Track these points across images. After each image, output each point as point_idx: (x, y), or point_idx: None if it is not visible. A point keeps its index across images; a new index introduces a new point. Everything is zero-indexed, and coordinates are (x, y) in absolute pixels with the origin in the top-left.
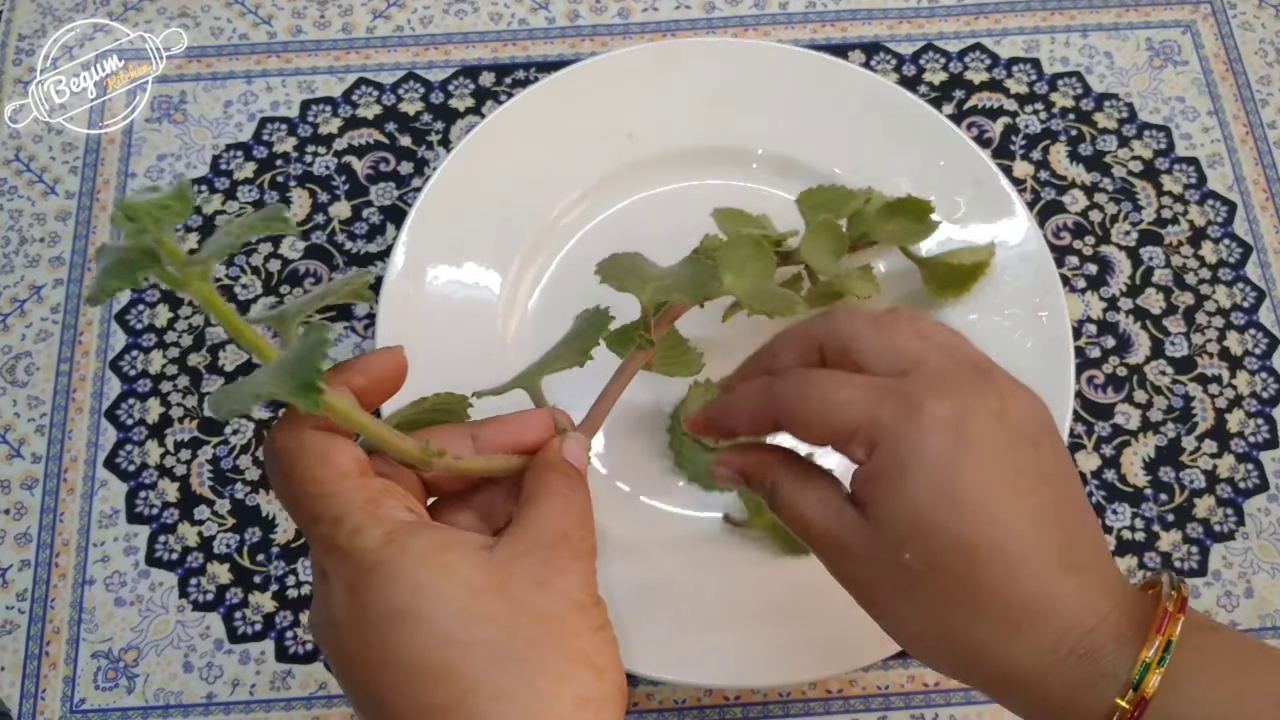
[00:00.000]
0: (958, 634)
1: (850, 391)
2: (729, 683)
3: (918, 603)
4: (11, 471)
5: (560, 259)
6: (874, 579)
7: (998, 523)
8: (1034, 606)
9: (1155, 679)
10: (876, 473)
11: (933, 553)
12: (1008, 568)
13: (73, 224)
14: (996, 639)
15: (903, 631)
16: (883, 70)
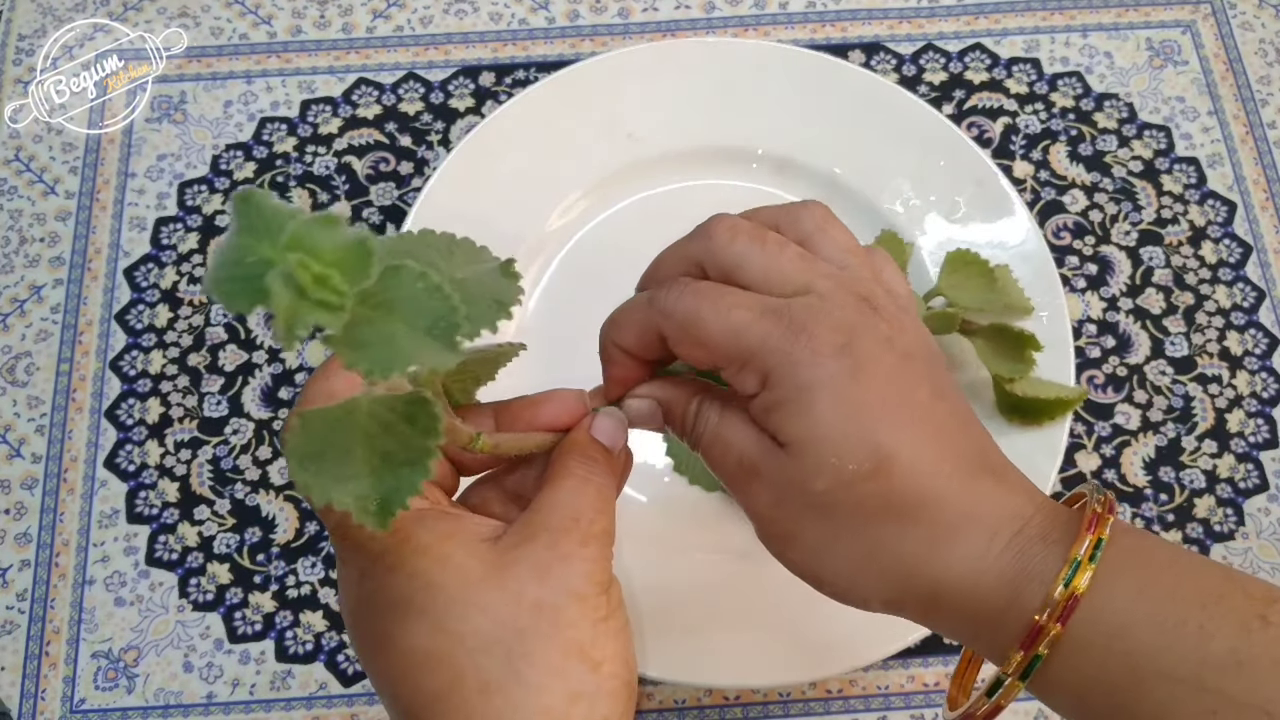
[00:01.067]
0: (886, 551)
1: (741, 314)
2: (729, 683)
3: (842, 526)
4: (11, 471)
5: (560, 259)
6: (794, 510)
7: (908, 430)
8: (961, 509)
9: (1086, 576)
10: (777, 401)
11: (849, 470)
12: (929, 474)
13: (73, 224)
14: (926, 549)
15: (828, 563)
16: (883, 70)
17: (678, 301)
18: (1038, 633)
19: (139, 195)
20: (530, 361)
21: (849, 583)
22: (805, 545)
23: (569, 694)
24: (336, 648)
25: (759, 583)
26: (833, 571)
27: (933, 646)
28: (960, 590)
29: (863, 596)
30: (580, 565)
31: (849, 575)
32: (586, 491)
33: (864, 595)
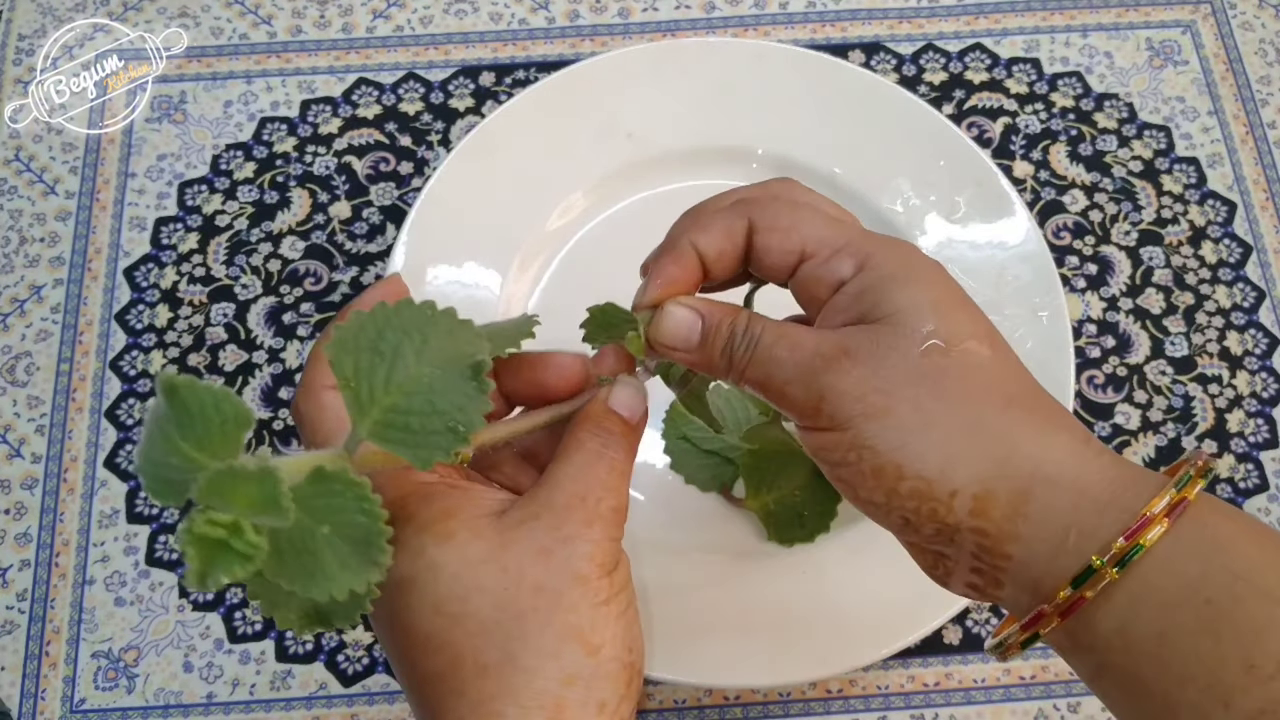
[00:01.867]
0: (989, 425)
1: (841, 213)
2: (729, 683)
3: (946, 395)
4: (11, 471)
5: (560, 259)
6: (891, 377)
7: (999, 338)
8: (1057, 411)
9: (1197, 488)
10: (881, 279)
11: (958, 325)
12: (1029, 377)
13: (73, 224)
14: (1031, 429)
15: (923, 439)
16: (883, 70)
17: (774, 199)
18: (1145, 523)
19: (139, 195)
20: None
21: (942, 463)
22: (900, 420)
23: (564, 677)
24: (336, 648)
25: (759, 583)
26: (925, 449)
27: (933, 646)
28: (1061, 475)
29: (951, 484)
30: (583, 547)
31: (944, 453)
32: (597, 468)
33: (953, 481)
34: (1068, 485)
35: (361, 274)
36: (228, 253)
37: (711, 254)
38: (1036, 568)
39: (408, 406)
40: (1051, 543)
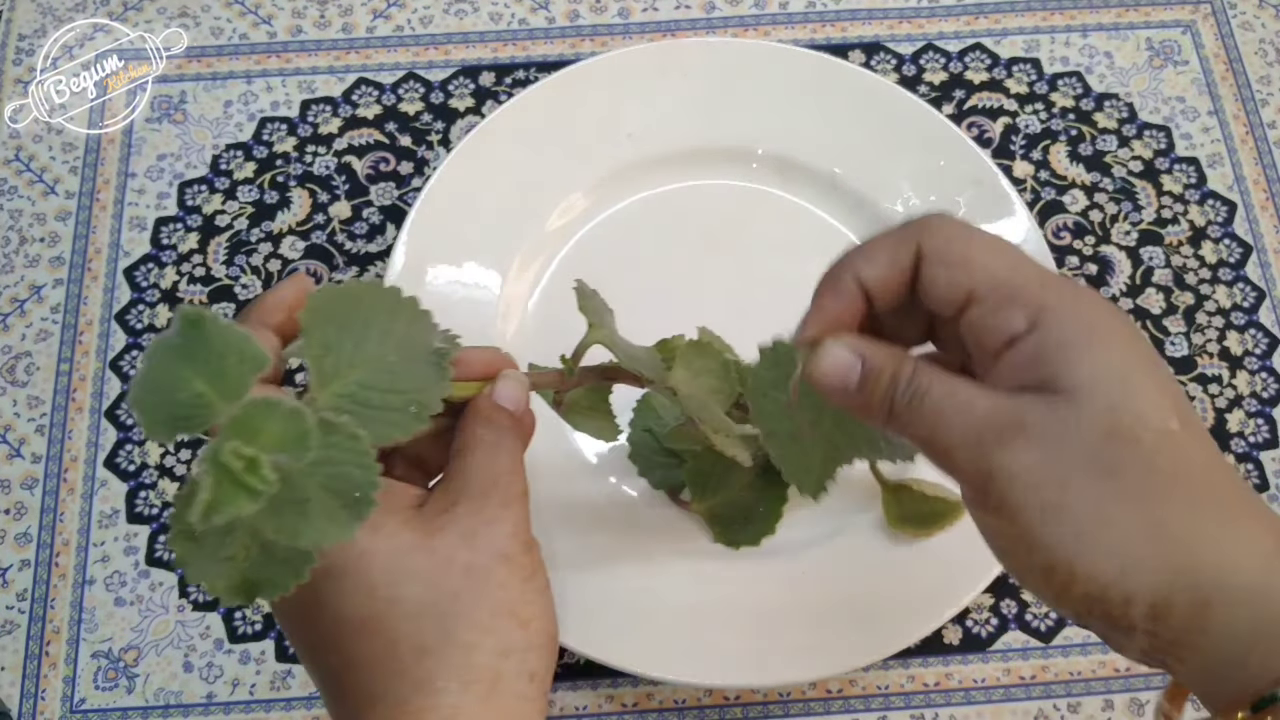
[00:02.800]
0: (1172, 527)
1: (1018, 252)
2: (729, 683)
3: (1127, 492)
4: (11, 471)
5: (560, 259)
6: (1068, 466)
7: (1192, 417)
8: (1247, 499)
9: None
10: (1058, 342)
11: (1149, 420)
12: (1217, 454)
13: (73, 224)
14: (1217, 528)
15: (1100, 540)
16: (883, 70)
17: (945, 224)
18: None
19: (139, 195)
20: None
21: (1120, 569)
22: (1075, 516)
23: (500, 650)
24: None
25: (759, 583)
26: (1103, 553)
27: (933, 647)
28: (1246, 587)
29: (1126, 591)
30: (505, 527)
31: (1122, 557)
32: (499, 456)
33: (1129, 588)
34: (1253, 599)
35: (361, 274)
36: (228, 253)
37: (875, 284)
38: (1214, 678)
39: (371, 383)
40: (1231, 660)
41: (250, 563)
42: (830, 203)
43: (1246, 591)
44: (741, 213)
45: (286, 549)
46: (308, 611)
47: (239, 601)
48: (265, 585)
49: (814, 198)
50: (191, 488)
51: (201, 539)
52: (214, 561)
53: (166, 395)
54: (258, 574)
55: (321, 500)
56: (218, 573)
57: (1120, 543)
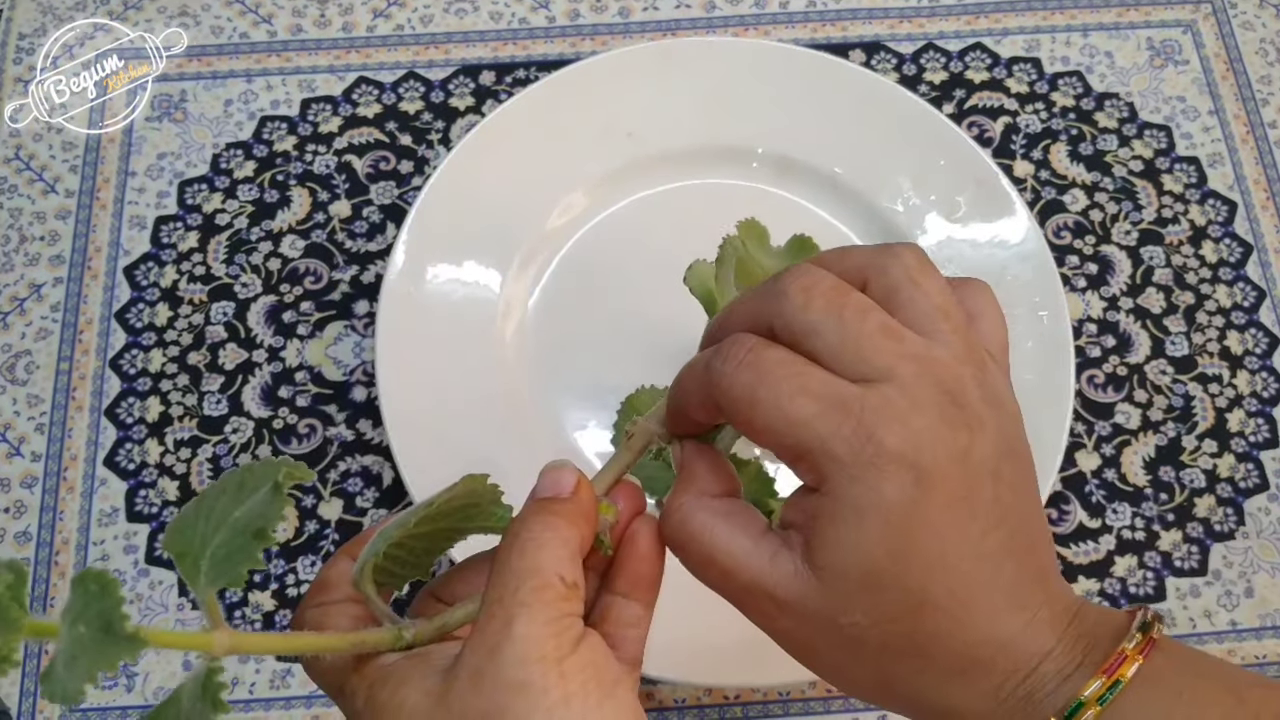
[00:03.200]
0: (901, 684)
1: (802, 405)
2: (729, 683)
3: (861, 657)
4: (11, 470)
5: (560, 258)
6: (813, 635)
7: (949, 573)
8: (979, 654)
9: (1090, 714)
10: (825, 512)
11: (881, 609)
12: (957, 618)
13: (73, 223)
14: (940, 688)
15: (842, 679)
16: (883, 70)
17: (735, 375)
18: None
19: (139, 194)
20: (529, 361)
21: (865, 697)
22: (824, 663)
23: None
24: None
25: None
26: (846, 685)
27: None
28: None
29: (874, 704)
30: (510, 651)
31: (864, 693)
32: (510, 560)
33: (876, 704)
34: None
35: (362, 273)
36: (228, 251)
37: (703, 418)
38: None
39: (220, 541)
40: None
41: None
42: (830, 203)
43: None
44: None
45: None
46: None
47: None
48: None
49: (814, 198)
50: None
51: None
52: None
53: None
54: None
55: (87, 643)
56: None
57: (860, 686)
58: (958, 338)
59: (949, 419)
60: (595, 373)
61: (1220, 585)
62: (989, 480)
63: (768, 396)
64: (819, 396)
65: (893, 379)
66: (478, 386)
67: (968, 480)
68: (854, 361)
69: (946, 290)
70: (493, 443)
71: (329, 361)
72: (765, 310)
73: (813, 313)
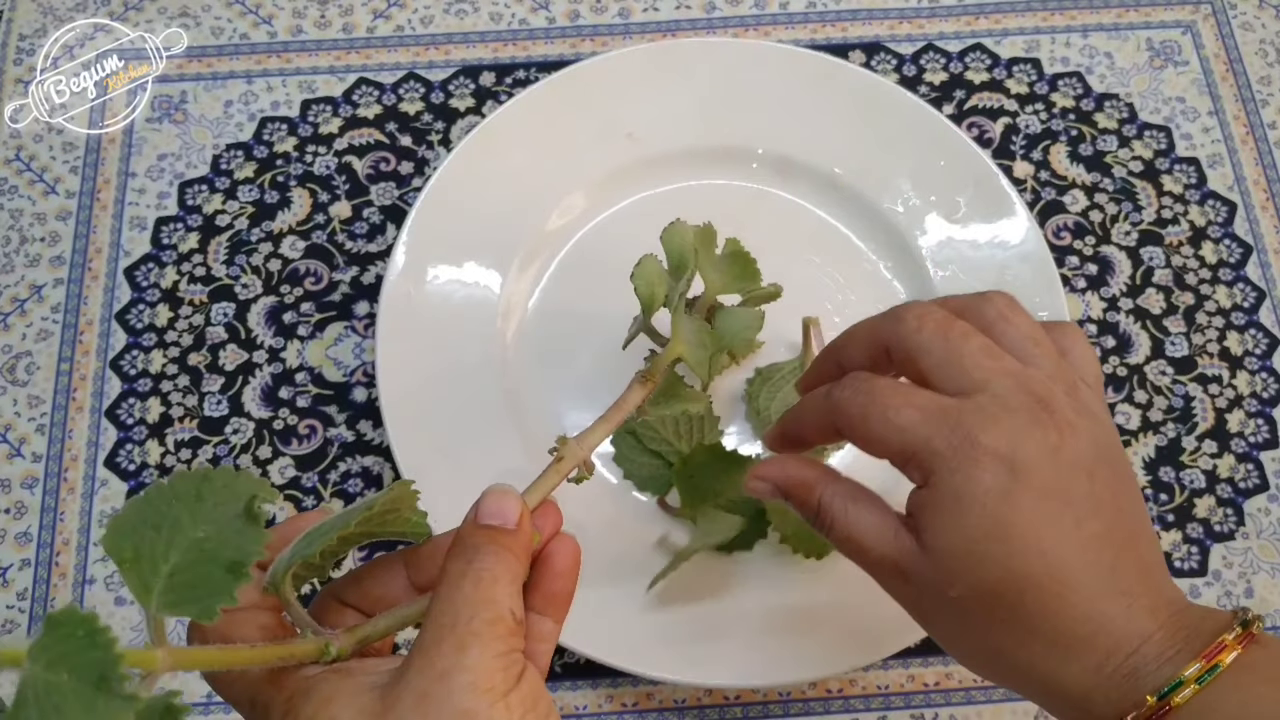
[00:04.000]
0: (1007, 655)
1: (908, 414)
2: (729, 683)
3: (970, 626)
4: (12, 471)
5: (560, 259)
6: (929, 602)
7: (1047, 555)
8: (1080, 631)
9: (1187, 692)
10: (931, 502)
11: (984, 583)
12: (1057, 595)
13: (73, 223)
14: (1045, 660)
15: (955, 648)
16: (883, 70)
17: (851, 400)
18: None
19: (139, 195)
20: (529, 361)
21: (972, 666)
22: (940, 632)
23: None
24: None
25: (759, 582)
26: (959, 654)
27: (933, 646)
28: (1071, 698)
29: (985, 676)
30: (462, 678)
31: (975, 663)
32: (463, 587)
33: (986, 676)
34: (1076, 704)
35: (362, 273)
36: (228, 252)
37: (816, 438)
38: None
39: (186, 565)
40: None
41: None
42: (830, 203)
43: (1070, 700)
44: (741, 213)
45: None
46: None
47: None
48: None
49: (814, 198)
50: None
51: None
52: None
53: None
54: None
55: (77, 694)
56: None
57: (970, 655)
58: (1049, 361)
59: (1040, 421)
60: (595, 373)
61: (1220, 586)
62: (1083, 477)
63: (877, 412)
64: (922, 408)
65: (989, 388)
66: (478, 386)
67: (1060, 474)
68: (956, 375)
69: (1037, 325)
70: (493, 443)
71: (329, 362)
72: (883, 332)
73: (924, 335)
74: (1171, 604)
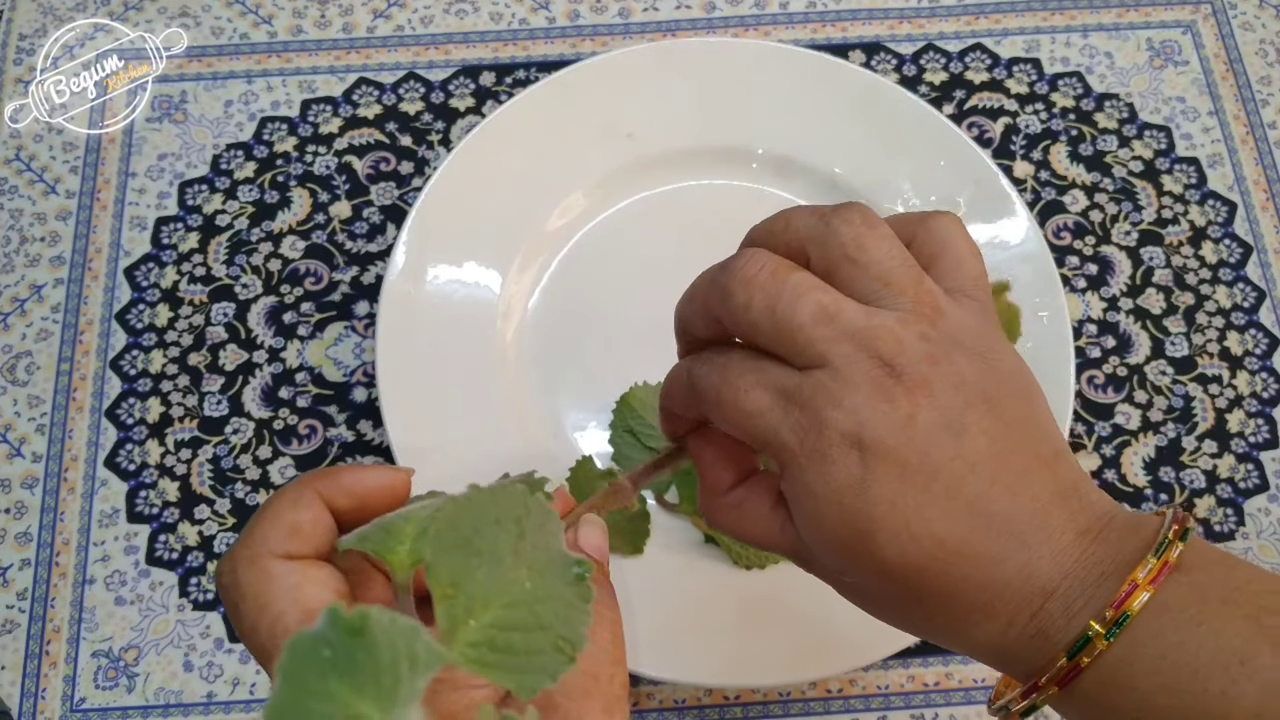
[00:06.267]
0: (919, 625)
1: (757, 398)
2: (729, 683)
3: (878, 604)
4: (12, 471)
5: (560, 259)
6: (833, 582)
7: (920, 538)
8: (979, 600)
9: (1099, 649)
10: (792, 497)
11: (868, 573)
12: (942, 574)
13: (73, 223)
14: (954, 628)
15: (868, 611)
16: (883, 70)
17: (706, 376)
18: (1033, 690)
19: (139, 195)
20: (529, 361)
21: (906, 631)
22: (861, 605)
23: None
24: None
25: (759, 582)
26: (881, 620)
27: (933, 646)
28: (992, 655)
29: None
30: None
31: (903, 629)
32: (601, 634)
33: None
34: (993, 660)
35: (362, 273)
36: (228, 252)
37: (690, 415)
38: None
39: (510, 622)
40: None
41: None
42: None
43: (985, 656)
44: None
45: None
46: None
47: None
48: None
49: (814, 198)
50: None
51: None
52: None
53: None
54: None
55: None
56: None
57: (888, 621)
58: (903, 298)
59: (885, 390)
60: (595, 373)
61: None
62: (947, 438)
63: (729, 394)
64: (770, 388)
65: (827, 363)
66: (478, 386)
67: (918, 445)
68: (792, 354)
69: (889, 252)
70: (493, 443)
71: (329, 362)
72: (713, 306)
73: (753, 311)
74: (1087, 533)
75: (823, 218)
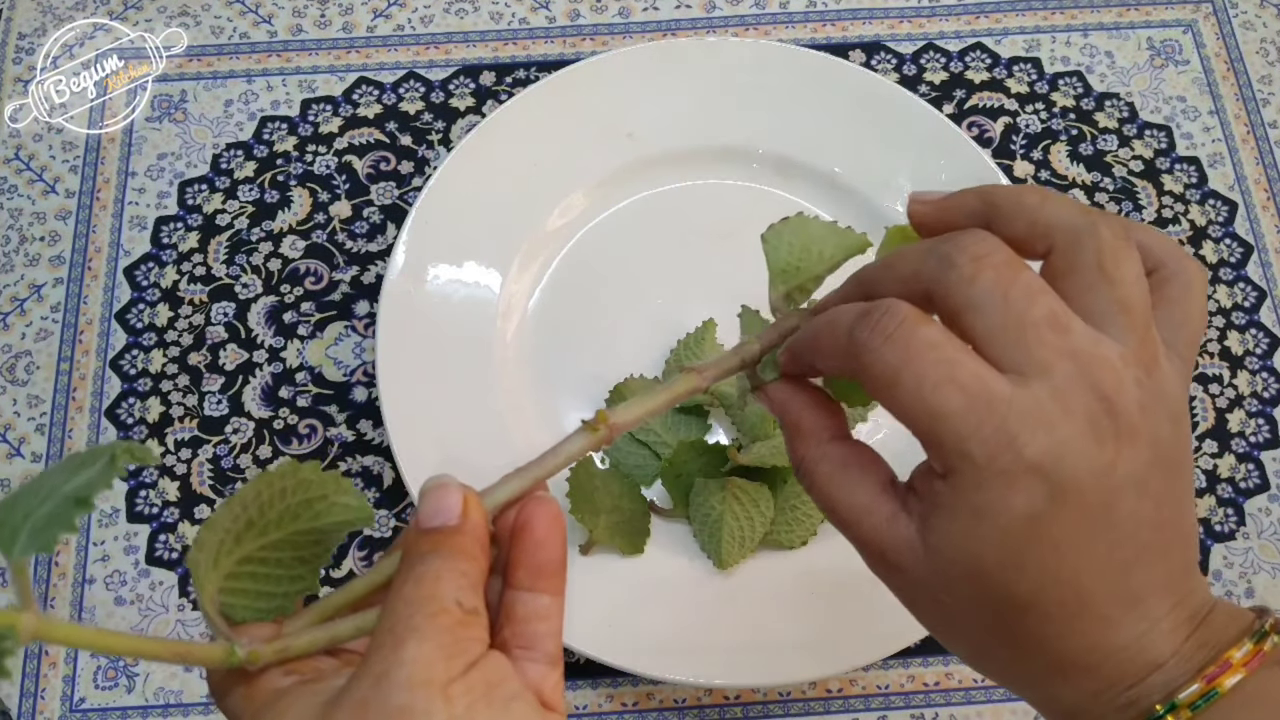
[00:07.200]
0: (998, 663)
1: (948, 397)
2: (729, 683)
3: (961, 630)
4: (11, 470)
5: (560, 259)
6: (918, 598)
7: (1064, 584)
8: (1085, 661)
9: (1185, 717)
10: (947, 504)
11: (983, 603)
12: (1064, 624)
13: (73, 223)
14: (1039, 679)
15: (941, 639)
16: (883, 70)
17: (881, 350)
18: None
19: (139, 194)
20: (529, 361)
21: (961, 657)
22: (925, 621)
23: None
24: None
25: (759, 582)
26: (948, 646)
27: (933, 646)
28: (1059, 709)
29: (971, 668)
30: (399, 673)
31: (962, 657)
32: (403, 591)
33: (972, 668)
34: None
35: (362, 273)
36: (228, 252)
37: (830, 374)
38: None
39: (44, 512)
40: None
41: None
42: (830, 202)
43: (1061, 714)
44: (741, 213)
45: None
46: None
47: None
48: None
49: (814, 198)
50: None
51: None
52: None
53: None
54: None
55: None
56: None
57: (954, 648)
58: (1133, 335)
59: (1099, 430)
60: (595, 373)
61: (1220, 586)
62: (1131, 494)
63: (911, 381)
64: (966, 390)
65: (1047, 377)
66: (478, 386)
67: (1106, 496)
68: (1011, 348)
69: (1137, 280)
70: (493, 443)
71: (329, 362)
72: (927, 273)
73: (978, 288)
74: (1195, 617)
75: (1087, 213)
